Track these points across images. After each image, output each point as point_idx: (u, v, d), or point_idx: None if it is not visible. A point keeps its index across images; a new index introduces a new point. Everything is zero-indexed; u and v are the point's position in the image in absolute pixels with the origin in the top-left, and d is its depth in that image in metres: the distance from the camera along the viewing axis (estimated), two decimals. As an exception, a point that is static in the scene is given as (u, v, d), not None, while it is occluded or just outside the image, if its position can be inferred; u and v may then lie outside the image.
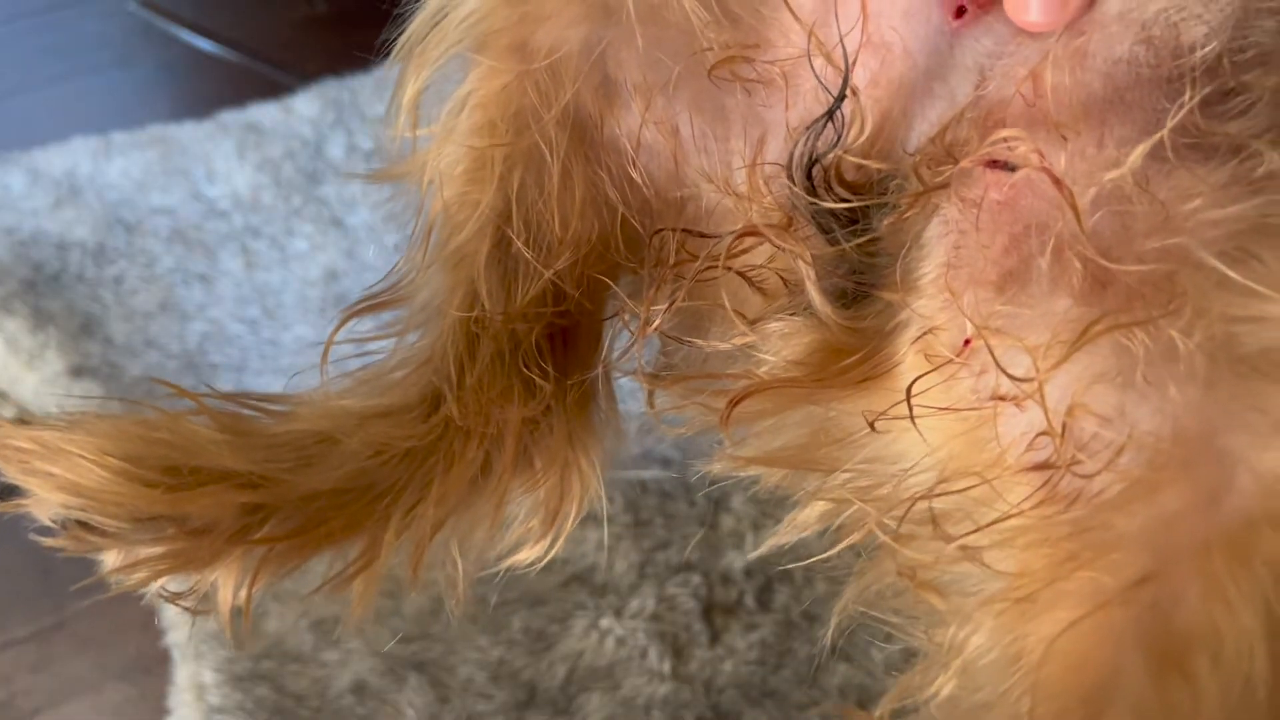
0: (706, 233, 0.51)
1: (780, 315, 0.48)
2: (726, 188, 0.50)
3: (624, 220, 0.52)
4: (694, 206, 0.52)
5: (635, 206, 0.52)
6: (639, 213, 0.52)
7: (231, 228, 1.18)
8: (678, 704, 0.83)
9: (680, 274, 0.50)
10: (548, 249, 0.53)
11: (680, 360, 0.51)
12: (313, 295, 1.12)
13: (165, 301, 1.11)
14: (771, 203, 0.48)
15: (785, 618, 0.88)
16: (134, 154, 1.25)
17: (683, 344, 0.51)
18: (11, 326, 1.08)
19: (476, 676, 0.86)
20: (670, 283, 0.50)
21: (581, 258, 0.52)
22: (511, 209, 0.53)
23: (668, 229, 0.51)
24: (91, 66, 1.46)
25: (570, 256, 0.52)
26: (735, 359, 0.50)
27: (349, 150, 1.26)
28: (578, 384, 0.54)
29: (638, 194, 0.52)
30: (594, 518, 0.94)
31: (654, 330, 0.50)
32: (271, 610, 0.89)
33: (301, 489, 0.49)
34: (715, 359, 0.50)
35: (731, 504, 0.95)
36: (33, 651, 0.92)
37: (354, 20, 1.53)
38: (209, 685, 0.85)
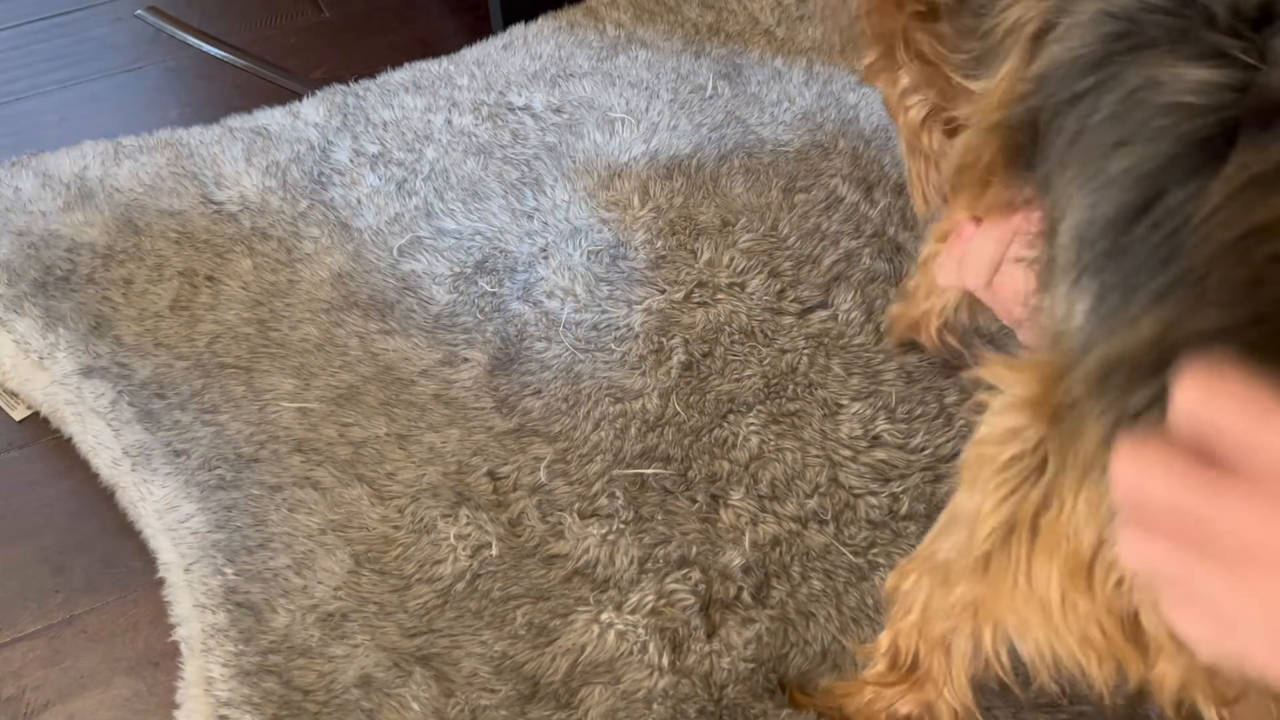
0: None
1: None
2: None
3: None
4: None
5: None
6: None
7: (240, 230, 1.19)
8: (678, 698, 0.85)
9: None
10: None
11: None
12: (320, 297, 1.13)
13: (174, 302, 1.13)
14: None
15: (781, 613, 0.89)
16: (143, 158, 1.27)
17: None
18: (22, 327, 1.09)
19: (481, 670, 0.87)
20: None
21: None
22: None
23: None
24: (101, 72, 1.48)
25: None
26: None
27: (355, 154, 1.27)
28: None
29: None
30: (597, 513, 0.96)
31: None
32: (279, 606, 0.90)
33: None
34: None
35: (731, 500, 0.96)
36: (43, 646, 0.93)
37: (360, 26, 1.55)
38: (217, 679, 0.86)
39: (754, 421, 1.01)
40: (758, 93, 1.35)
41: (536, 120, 1.31)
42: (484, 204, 1.22)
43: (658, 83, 1.35)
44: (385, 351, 1.08)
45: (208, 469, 0.99)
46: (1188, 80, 0.51)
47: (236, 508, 0.96)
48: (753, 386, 1.04)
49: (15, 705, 0.89)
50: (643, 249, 1.16)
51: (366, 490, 0.97)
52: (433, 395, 1.05)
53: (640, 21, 1.45)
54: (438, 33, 1.52)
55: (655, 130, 1.28)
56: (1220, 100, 0.50)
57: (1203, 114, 0.51)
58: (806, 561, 0.92)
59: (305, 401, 1.04)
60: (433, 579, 0.92)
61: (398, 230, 1.19)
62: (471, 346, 1.08)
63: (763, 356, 1.06)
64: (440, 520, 0.95)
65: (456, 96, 1.34)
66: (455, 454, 1.00)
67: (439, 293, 1.13)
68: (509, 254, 1.17)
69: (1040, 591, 0.53)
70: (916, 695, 0.75)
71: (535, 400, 1.04)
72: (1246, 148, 0.49)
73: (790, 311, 1.10)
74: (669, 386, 1.04)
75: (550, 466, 0.99)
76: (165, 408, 1.03)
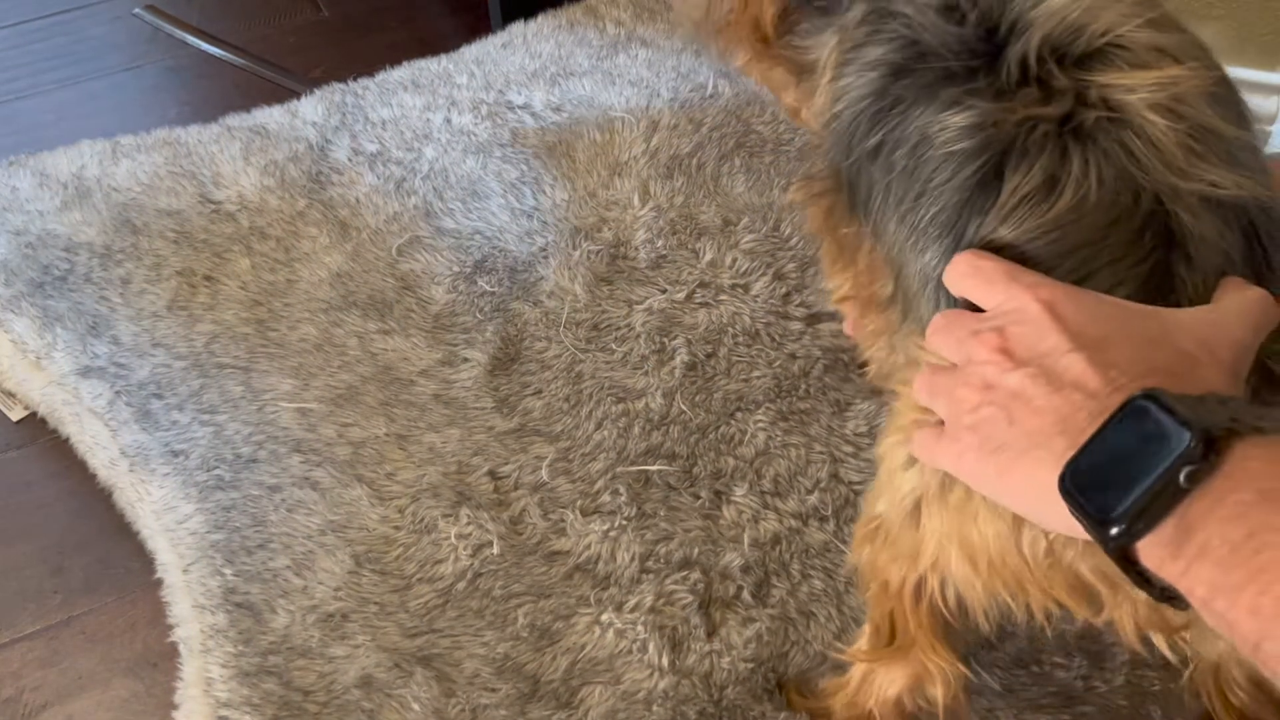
0: None
1: None
2: None
3: None
4: None
5: None
6: None
7: (238, 229, 1.19)
8: (679, 699, 0.84)
9: None
10: None
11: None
12: (319, 297, 1.13)
13: (172, 302, 1.12)
14: None
15: (782, 613, 0.89)
16: (141, 157, 1.26)
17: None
18: (19, 327, 1.09)
19: (482, 671, 0.86)
20: None
21: None
22: None
23: None
24: (99, 71, 1.47)
25: None
26: None
27: (354, 153, 1.27)
28: None
29: None
30: (599, 510, 0.95)
31: None
32: (278, 606, 0.90)
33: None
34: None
35: (734, 496, 0.96)
36: (41, 647, 0.93)
37: (358, 26, 1.55)
38: (216, 680, 0.86)
39: (762, 418, 1.01)
40: (759, 92, 1.35)
41: (536, 119, 1.31)
42: (483, 203, 1.21)
43: (658, 81, 1.35)
44: (385, 351, 1.08)
45: (206, 469, 0.98)
46: (957, 127, 0.61)
47: (235, 508, 0.96)
48: (762, 386, 1.04)
49: (14, 706, 0.89)
50: (643, 249, 1.16)
51: (366, 490, 0.97)
52: (433, 395, 1.04)
53: (640, 20, 1.45)
54: (437, 31, 1.52)
55: (655, 129, 1.28)
56: (981, 141, 0.60)
57: (970, 159, 0.60)
58: (806, 559, 0.92)
59: (304, 402, 1.03)
60: (433, 578, 0.92)
61: (397, 230, 1.19)
62: (471, 346, 1.08)
63: (771, 359, 1.06)
64: (441, 520, 0.94)
65: (456, 95, 1.34)
66: (455, 454, 0.99)
67: (439, 293, 1.12)
68: (509, 254, 1.16)
69: (968, 549, 0.59)
70: (904, 669, 0.75)
71: (536, 400, 1.04)
72: (1013, 175, 0.58)
73: (797, 316, 1.09)
74: (673, 386, 1.04)
75: (552, 465, 0.98)
76: (163, 408, 1.03)
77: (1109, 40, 0.60)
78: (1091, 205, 0.57)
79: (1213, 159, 0.58)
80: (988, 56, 0.62)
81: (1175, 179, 0.57)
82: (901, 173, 0.65)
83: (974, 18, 0.64)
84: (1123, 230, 0.56)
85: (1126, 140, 0.58)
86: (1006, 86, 0.61)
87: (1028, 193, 0.58)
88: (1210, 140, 0.58)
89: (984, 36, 0.63)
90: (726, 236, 1.16)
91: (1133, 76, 0.59)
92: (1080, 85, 0.60)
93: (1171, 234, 0.56)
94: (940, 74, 0.63)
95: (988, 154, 0.60)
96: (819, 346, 1.07)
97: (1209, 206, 0.57)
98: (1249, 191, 0.57)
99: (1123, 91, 0.59)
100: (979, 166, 0.60)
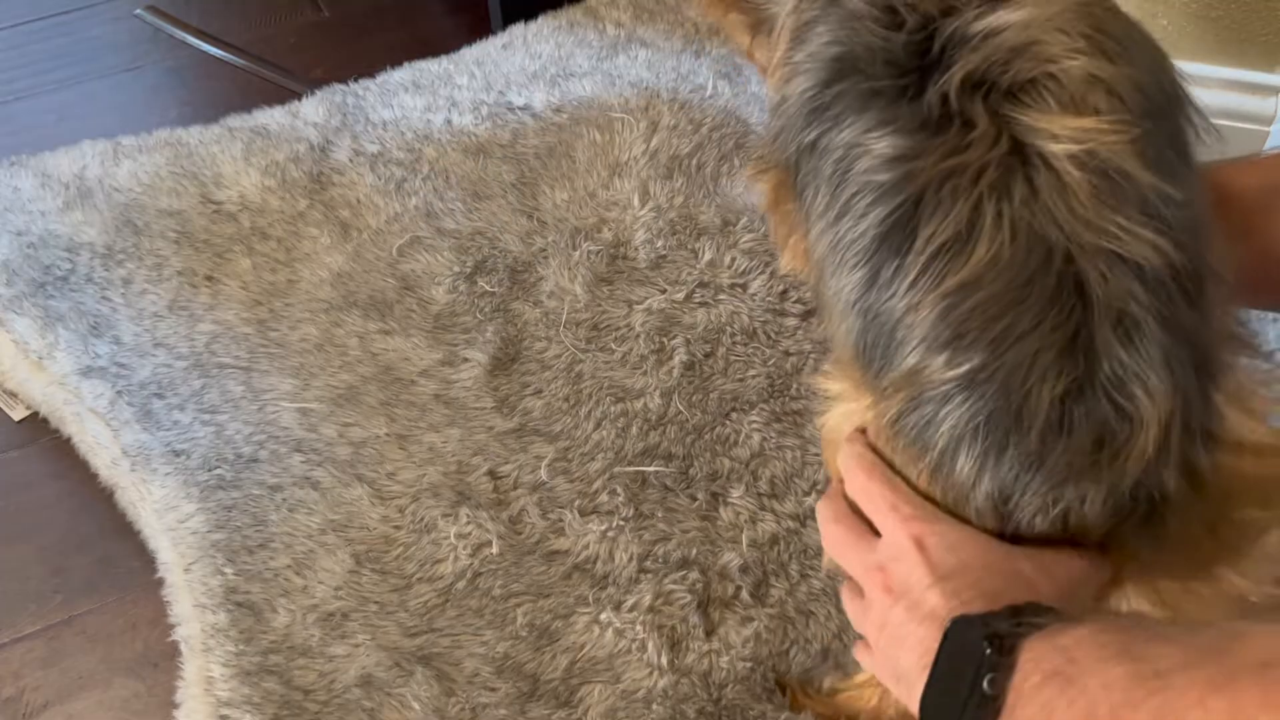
0: None
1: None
2: None
3: None
4: None
5: None
6: None
7: (239, 230, 1.19)
8: (678, 697, 0.84)
9: None
10: None
11: None
12: (320, 297, 1.13)
13: (174, 302, 1.12)
14: None
15: (781, 612, 0.89)
16: (142, 157, 1.26)
17: None
18: (21, 327, 1.09)
19: (482, 670, 0.87)
20: None
21: None
22: None
23: None
24: (100, 71, 1.47)
25: None
26: None
27: (354, 154, 1.27)
28: None
29: None
30: (597, 510, 0.96)
31: None
32: (279, 605, 0.90)
33: None
34: None
35: (731, 498, 0.96)
36: (42, 647, 0.93)
37: (359, 26, 1.55)
38: (217, 679, 0.86)
39: (756, 419, 1.01)
40: (758, 92, 1.35)
41: (536, 120, 1.31)
42: (484, 204, 1.22)
43: (658, 82, 1.35)
44: (385, 351, 1.08)
45: (207, 469, 0.98)
46: (877, 155, 0.60)
47: (236, 508, 0.96)
48: (757, 385, 1.04)
49: (14, 706, 0.89)
50: (643, 249, 1.16)
51: (367, 490, 0.97)
52: (433, 395, 1.05)
53: (640, 21, 1.45)
54: (437, 32, 1.52)
55: (655, 129, 1.28)
56: (900, 176, 0.59)
57: (888, 195, 0.60)
58: (805, 560, 0.92)
59: (305, 402, 1.04)
60: (433, 578, 0.92)
61: (397, 230, 1.19)
62: (471, 346, 1.08)
63: (766, 357, 1.06)
64: (441, 519, 0.95)
65: (456, 96, 1.34)
66: (455, 454, 1.00)
67: (439, 293, 1.13)
68: (509, 254, 1.16)
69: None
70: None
71: (536, 400, 1.04)
72: (928, 222, 0.58)
73: (794, 313, 1.10)
74: (671, 386, 1.04)
75: (551, 465, 0.98)
76: (164, 408, 1.03)
77: (1041, 71, 0.59)
78: (1006, 262, 0.56)
79: (1129, 214, 0.57)
80: (918, 74, 0.61)
81: (1087, 235, 0.56)
82: (828, 181, 0.64)
83: (912, 23, 0.62)
84: (1038, 289, 0.56)
85: (1041, 191, 0.57)
86: (929, 117, 0.60)
87: (943, 243, 0.58)
88: (1128, 194, 0.57)
89: (918, 49, 0.62)
90: (726, 236, 1.16)
91: (1056, 121, 0.58)
92: (1002, 125, 0.58)
93: (1086, 294, 0.56)
94: (871, 85, 0.63)
95: (904, 194, 0.59)
96: (811, 340, 1.07)
97: (1120, 263, 0.56)
98: (1159, 255, 0.56)
99: (1044, 138, 0.58)
100: (896, 206, 0.60)
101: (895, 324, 0.60)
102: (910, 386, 0.59)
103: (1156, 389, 0.55)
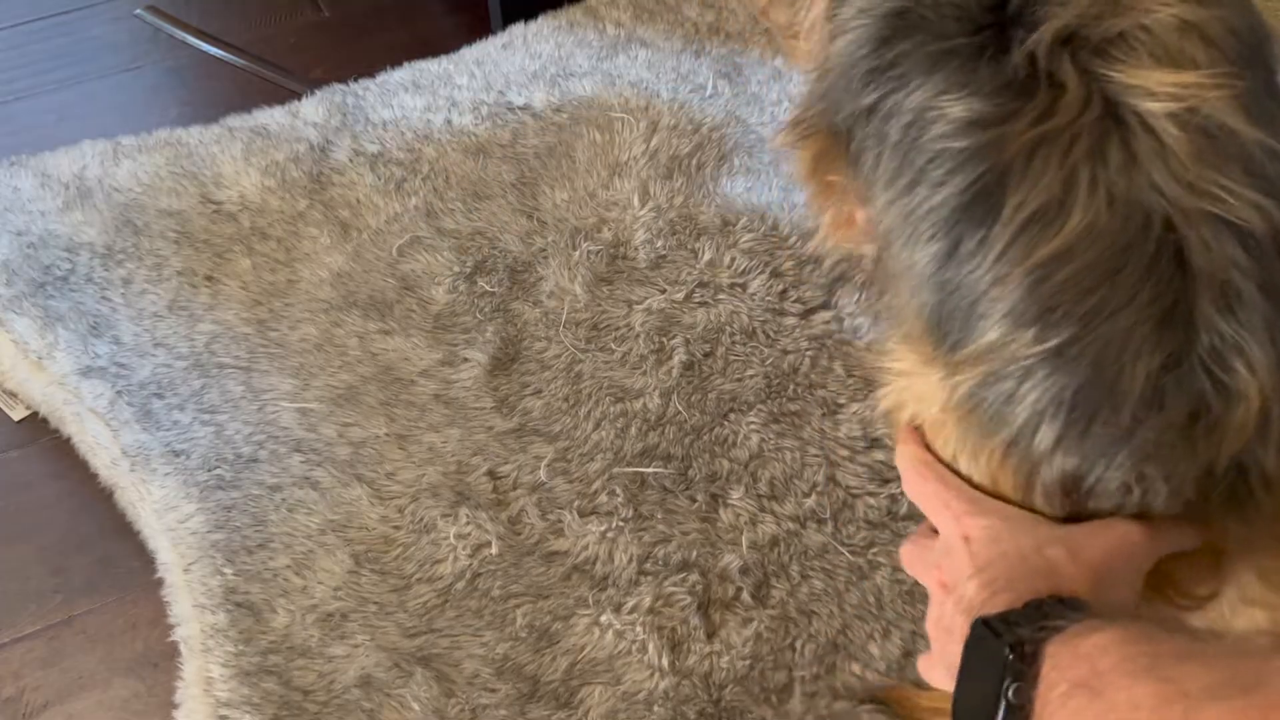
0: None
1: None
2: None
3: None
4: None
5: None
6: None
7: (239, 230, 1.19)
8: (679, 699, 0.84)
9: None
10: None
11: None
12: (320, 297, 1.13)
13: (174, 302, 1.12)
14: None
15: (782, 613, 0.89)
16: (142, 157, 1.26)
17: None
18: (21, 327, 1.09)
19: (481, 671, 0.87)
20: None
21: None
22: None
23: None
24: (100, 71, 1.47)
25: None
26: None
27: (354, 154, 1.27)
28: None
29: None
30: (596, 511, 0.96)
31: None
32: (279, 606, 0.90)
33: None
34: None
35: (730, 499, 0.96)
36: (42, 647, 0.93)
37: (359, 26, 1.55)
38: (216, 680, 0.86)
39: (754, 420, 1.01)
40: (758, 92, 1.35)
41: (536, 119, 1.31)
42: (484, 204, 1.22)
43: (658, 82, 1.35)
44: (385, 351, 1.08)
45: (207, 469, 0.98)
46: (954, 120, 0.56)
47: (236, 508, 0.96)
48: (754, 386, 1.04)
49: (14, 706, 0.89)
50: (643, 249, 1.16)
51: (366, 490, 0.97)
52: (433, 395, 1.05)
53: (640, 21, 1.45)
54: (437, 32, 1.52)
55: (655, 129, 1.28)
56: (981, 143, 0.56)
57: (969, 162, 0.56)
58: (805, 561, 0.92)
59: (305, 402, 1.04)
60: (433, 578, 0.92)
61: (397, 230, 1.19)
62: (471, 346, 1.08)
63: (765, 357, 1.06)
64: (440, 520, 0.95)
65: (456, 96, 1.34)
66: (455, 454, 1.00)
67: (439, 293, 1.13)
68: (509, 254, 1.16)
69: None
70: None
71: (535, 400, 1.04)
72: (1016, 190, 0.55)
73: (793, 312, 1.10)
74: (670, 386, 1.04)
75: (550, 465, 0.98)
76: (164, 408, 1.03)
77: (1131, 23, 0.55)
78: (1101, 231, 0.53)
79: (1233, 174, 0.54)
80: (994, 30, 0.57)
81: (1188, 199, 0.53)
82: (895, 147, 0.61)
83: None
84: (1135, 259, 0.53)
85: (1139, 155, 0.54)
86: (1013, 79, 0.56)
87: (1033, 213, 0.55)
88: (1231, 152, 0.54)
89: (990, 2, 0.58)
90: (725, 236, 1.16)
91: (1152, 77, 0.54)
92: (1094, 84, 0.55)
93: (1185, 263, 0.53)
94: (941, 45, 0.58)
95: (988, 162, 0.56)
96: (808, 337, 1.07)
97: (1223, 228, 0.53)
98: (1263, 217, 0.53)
99: (1139, 96, 0.54)
100: (979, 175, 0.56)
101: (977, 297, 0.57)
102: (991, 361, 0.57)
103: (1258, 361, 0.53)
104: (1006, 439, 0.57)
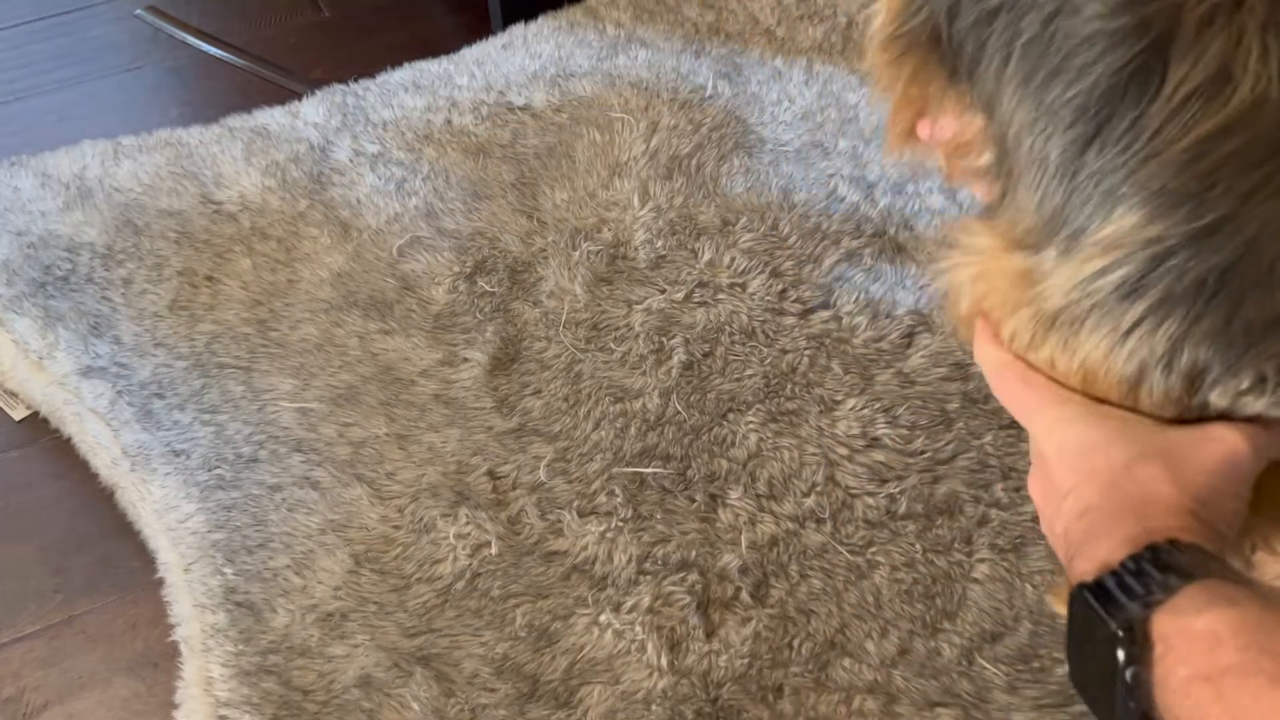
0: None
1: None
2: None
3: None
4: None
5: None
6: None
7: (239, 230, 1.19)
8: (677, 698, 0.84)
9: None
10: None
11: None
12: (320, 297, 1.13)
13: (174, 302, 1.12)
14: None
15: (781, 612, 0.89)
16: (143, 157, 1.27)
17: None
18: (21, 327, 1.09)
19: (481, 670, 0.87)
20: None
21: None
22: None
23: None
24: (100, 71, 1.48)
25: None
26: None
27: (355, 154, 1.27)
28: None
29: None
30: (595, 511, 0.96)
31: None
32: (278, 605, 0.90)
33: None
34: None
35: (729, 499, 0.96)
36: (42, 647, 0.93)
37: (359, 26, 1.55)
38: (216, 680, 0.86)
39: (753, 420, 1.01)
40: (758, 92, 1.35)
41: (536, 120, 1.31)
42: (484, 204, 1.22)
43: (658, 82, 1.35)
44: (385, 351, 1.08)
45: (207, 469, 0.99)
46: (1102, 1, 0.53)
47: (236, 508, 0.96)
48: (753, 386, 1.04)
49: (14, 705, 0.89)
50: (643, 249, 1.16)
51: (366, 490, 0.97)
52: (432, 395, 1.05)
53: (640, 21, 1.45)
54: (438, 32, 1.52)
55: (655, 130, 1.28)
56: (1139, 19, 0.52)
57: (1125, 41, 0.52)
58: (804, 560, 0.92)
59: (305, 402, 1.04)
60: (432, 578, 0.92)
61: (397, 230, 1.19)
62: (471, 346, 1.08)
63: (764, 356, 1.06)
64: (440, 519, 0.95)
65: (456, 96, 1.34)
66: (455, 454, 1.00)
67: (439, 293, 1.13)
68: (509, 254, 1.16)
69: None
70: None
71: (535, 400, 1.04)
72: (1178, 64, 0.51)
73: (792, 312, 1.10)
74: (669, 386, 1.04)
75: (550, 465, 0.99)
76: (164, 408, 1.03)
77: None
78: (1273, 103, 0.50)
79: None
80: None
81: None
82: (1030, 42, 0.57)
83: None
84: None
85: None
86: None
87: (1196, 86, 0.51)
88: None
89: None
90: (725, 236, 1.17)
91: None
92: None
93: None
94: None
95: (1147, 37, 0.52)
96: (806, 336, 1.08)
97: None
98: None
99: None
100: (1137, 52, 0.52)
101: (1120, 181, 0.53)
102: (1124, 246, 0.53)
103: None
104: (1123, 329, 0.54)
